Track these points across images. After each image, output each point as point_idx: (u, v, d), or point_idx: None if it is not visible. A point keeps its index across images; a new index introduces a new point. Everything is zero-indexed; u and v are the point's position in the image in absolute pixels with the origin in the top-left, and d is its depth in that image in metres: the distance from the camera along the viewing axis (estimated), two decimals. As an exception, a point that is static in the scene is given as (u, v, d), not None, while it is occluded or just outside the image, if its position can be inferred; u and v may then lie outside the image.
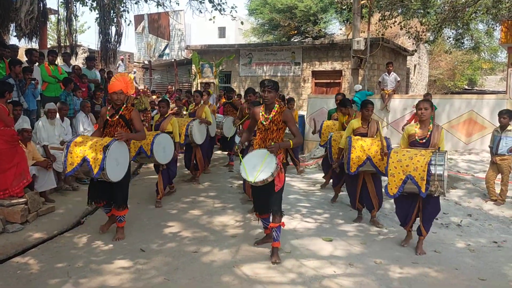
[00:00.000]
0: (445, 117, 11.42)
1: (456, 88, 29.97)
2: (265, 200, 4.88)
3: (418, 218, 5.19)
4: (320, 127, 8.31)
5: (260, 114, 4.87)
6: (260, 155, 4.73)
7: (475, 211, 6.87)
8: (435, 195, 4.85)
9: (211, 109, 9.11)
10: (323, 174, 8.53)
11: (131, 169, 6.38)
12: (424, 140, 5.06)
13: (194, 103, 8.66)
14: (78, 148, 4.97)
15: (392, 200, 5.83)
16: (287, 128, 4.87)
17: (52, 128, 7.34)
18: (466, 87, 32.09)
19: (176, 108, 10.49)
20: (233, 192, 7.87)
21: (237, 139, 8.77)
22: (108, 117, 5.26)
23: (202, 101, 8.66)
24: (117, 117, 5.23)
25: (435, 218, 6.50)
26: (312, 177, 9.36)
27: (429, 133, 5.05)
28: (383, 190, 5.81)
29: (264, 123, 4.83)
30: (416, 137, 5.10)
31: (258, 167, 4.62)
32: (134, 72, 21.82)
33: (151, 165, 8.94)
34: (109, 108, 5.33)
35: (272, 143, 4.69)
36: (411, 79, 22.96)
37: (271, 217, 4.98)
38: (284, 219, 6.29)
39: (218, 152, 11.63)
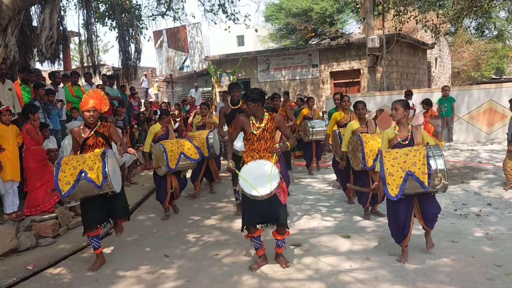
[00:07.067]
0: (464, 108, 11.34)
1: (483, 78, 29.31)
2: (265, 210, 4.50)
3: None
4: None
5: (250, 123, 4.58)
6: (259, 166, 4.49)
7: (495, 200, 6.82)
8: (437, 187, 4.42)
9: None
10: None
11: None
12: (406, 142, 4.78)
13: (201, 116, 8.64)
14: (70, 165, 4.61)
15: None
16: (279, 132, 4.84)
17: (78, 146, 7.65)
18: (494, 76, 31.31)
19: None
20: (254, 196, 8.03)
21: None
22: (85, 137, 4.91)
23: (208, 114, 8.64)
24: (94, 136, 4.93)
25: (454, 209, 6.57)
26: (333, 177, 9.42)
27: (409, 133, 4.80)
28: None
29: (256, 132, 4.55)
30: (399, 139, 4.81)
31: (262, 179, 4.37)
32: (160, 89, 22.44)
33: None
34: (82, 127, 4.99)
35: (277, 145, 4.54)
36: (433, 72, 22.70)
37: (276, 231, 4.70)
38: (304, 219, 6.48)
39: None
